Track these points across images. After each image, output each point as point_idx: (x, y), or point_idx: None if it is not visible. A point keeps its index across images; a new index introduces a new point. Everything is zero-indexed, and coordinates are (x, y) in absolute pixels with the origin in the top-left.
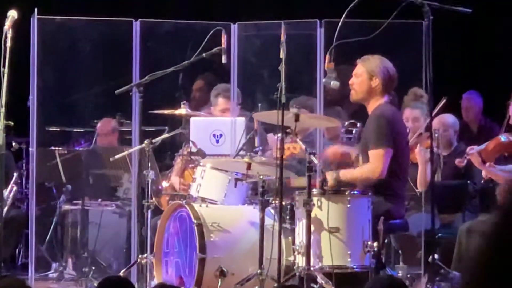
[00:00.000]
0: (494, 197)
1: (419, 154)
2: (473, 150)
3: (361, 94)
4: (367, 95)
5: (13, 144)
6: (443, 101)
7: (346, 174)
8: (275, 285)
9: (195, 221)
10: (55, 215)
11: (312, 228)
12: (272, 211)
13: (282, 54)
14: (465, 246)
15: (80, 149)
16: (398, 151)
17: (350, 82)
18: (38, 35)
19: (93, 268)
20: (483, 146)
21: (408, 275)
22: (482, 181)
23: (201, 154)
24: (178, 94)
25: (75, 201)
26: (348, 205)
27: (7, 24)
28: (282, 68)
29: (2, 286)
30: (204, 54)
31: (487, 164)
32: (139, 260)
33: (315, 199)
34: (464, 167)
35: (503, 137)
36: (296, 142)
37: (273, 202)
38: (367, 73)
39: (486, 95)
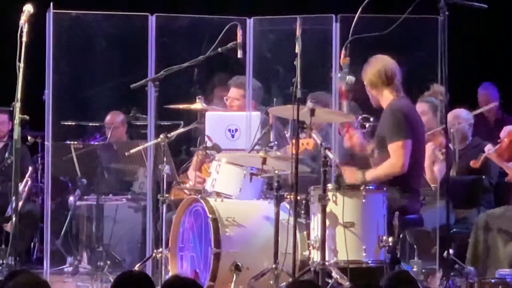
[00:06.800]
0: (509, 192)
1: (428, 151)
2: (490, 151)
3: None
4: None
5: (29, 138)
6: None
7: (371, 174)
8: (290, 279)
9: (210, 216)
10: (70, 209)
11: (327, 223)
12: (287, 205)
13: (297, 49)
14: (481, 240)
15: (96, 143)
16: (414, 145)
17: None
18: (54, 29)
19: (108, 262)
20: (498, 145)
21: (423, 270)
22: None
23: (217, 148)
24: (193, 88)
25: (90, 196)
26: (363, 200)
27: (23, 19)
28: (297, 63)
29: (19, 282)
30: (219, 49)
31: None
32: (154, 254)
33: (330, 194)
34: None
35: None
36: (310, 136)
37: (288, 196)
38: (367, 83)
39: (502, 89)
